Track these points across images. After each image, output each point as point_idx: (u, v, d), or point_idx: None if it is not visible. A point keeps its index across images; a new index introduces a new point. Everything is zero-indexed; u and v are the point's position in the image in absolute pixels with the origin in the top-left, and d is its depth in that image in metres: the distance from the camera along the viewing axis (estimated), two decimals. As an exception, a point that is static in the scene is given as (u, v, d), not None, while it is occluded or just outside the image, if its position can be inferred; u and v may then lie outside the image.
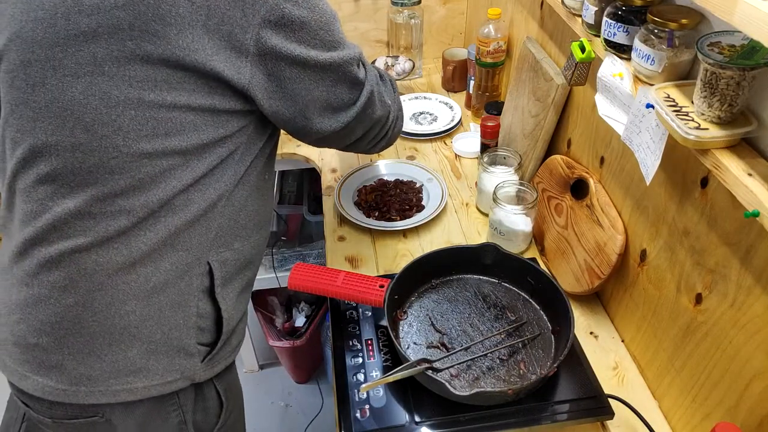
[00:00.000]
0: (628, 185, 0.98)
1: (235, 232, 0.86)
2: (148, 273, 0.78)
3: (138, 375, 0.81)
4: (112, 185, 0.74)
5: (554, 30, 1.24)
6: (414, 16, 1.73)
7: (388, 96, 0.98)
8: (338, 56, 0.81)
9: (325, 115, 0.86)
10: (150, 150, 0.73)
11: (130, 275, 0.77)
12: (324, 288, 1.03)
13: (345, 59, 0.83)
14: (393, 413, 0.91)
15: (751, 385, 0.72)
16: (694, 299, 0.82)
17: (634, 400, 0.91)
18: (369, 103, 0.90)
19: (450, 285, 1.10)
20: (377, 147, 1.04)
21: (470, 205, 1.36)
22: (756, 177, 0.61)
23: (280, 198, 1.93)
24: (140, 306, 0.79)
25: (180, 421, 0.89)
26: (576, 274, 1.09)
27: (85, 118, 0.72)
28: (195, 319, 0.84)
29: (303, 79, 0.79)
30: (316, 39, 0.78)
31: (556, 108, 1.20)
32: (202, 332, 0.86)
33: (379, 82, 0.94)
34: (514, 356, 0.96)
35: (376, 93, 0.92)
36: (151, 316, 0.80)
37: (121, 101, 0.71)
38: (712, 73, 0.64)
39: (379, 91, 0.94)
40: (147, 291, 0.79)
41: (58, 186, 0.75)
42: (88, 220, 0.75)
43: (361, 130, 0.94)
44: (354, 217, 1.28)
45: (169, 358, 0.83)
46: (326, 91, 0.83)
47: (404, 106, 1.68)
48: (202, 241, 0.81)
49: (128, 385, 0.81)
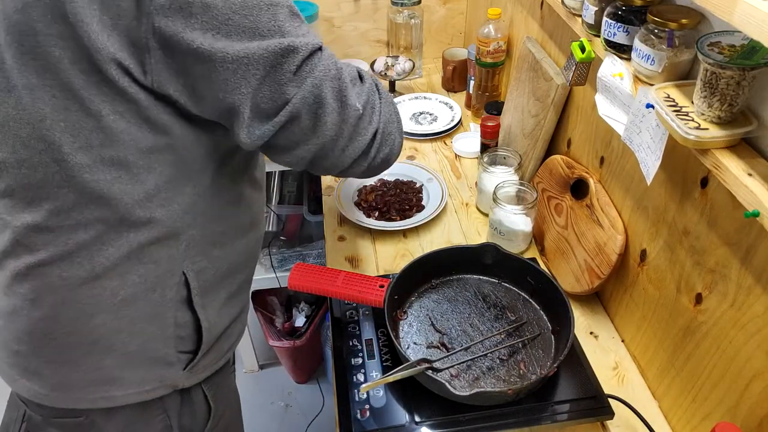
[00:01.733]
0: (628, 185, 0.98)
1: (212, 241, 0.82)
2: (114, 287, 0.76)
3: (114, 384, 0.81)
4: (63, 199, 0.71)
5: (554, 30, 1.24)
6: (414, 16, 1.73)
7: (376, 111, 0.80)
8: (266, 46, 0.66)
9: (253, 124, 0.71)
10: (88, 162, 0.69)
11: (95, 289, 0.76)
12: (324, 288, 1.03)
13: (278, 49, 0.67)
14: (393, 413, 0.91)
15: (751, 385, 0.72)
16: (694, 299, 0.82)
17: (634, 400, 0.91)
18: (321, 109, 0.72)
19: (450, 285, 1.10)
20: (352, 172, 0.83)
21: (470, 205, 1.36)
22: (756, 177, 0.61)
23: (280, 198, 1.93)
24: (109, 319, 0.78)
25: (165, 425, 0.88)
26: (576, 274, 1.09)
27: (21, 134, 0.69)
28: (173, 329, 0.82)
29: (213, 75, 0.66)
30: (229, 25, 0.64)
31: (556, 108, 1.20)
32: (183, 341, 0.84)
33: (348, 85, 0.75)
34: (514, 356, 0.96)
35: (334, 97, 0.73)
36: (122, 329, 0.79)
37: (48, 114, 0.67)
38: (712, 73, 0.64)
39: (345, 96, 0.74)
40: (115, 304, 0.77)
41: (16, 201, 0.73)
42: (47, 234, 0.73)
43: (314, 147, 0.75)
44: (354, 217, 1.28)
45: (147, 368, 0.82)
46: (249, 92, 0.68)
47: (405, 106, 1.68)
48: (172, 254, 0.78)
49: (106, 393, 0.82)
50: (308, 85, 0.70)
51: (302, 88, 0.69)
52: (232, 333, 0.93)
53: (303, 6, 1.72)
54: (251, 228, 0.91)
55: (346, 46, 1.90)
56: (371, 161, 0.81)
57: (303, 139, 0.74)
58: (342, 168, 0.80)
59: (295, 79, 0.69)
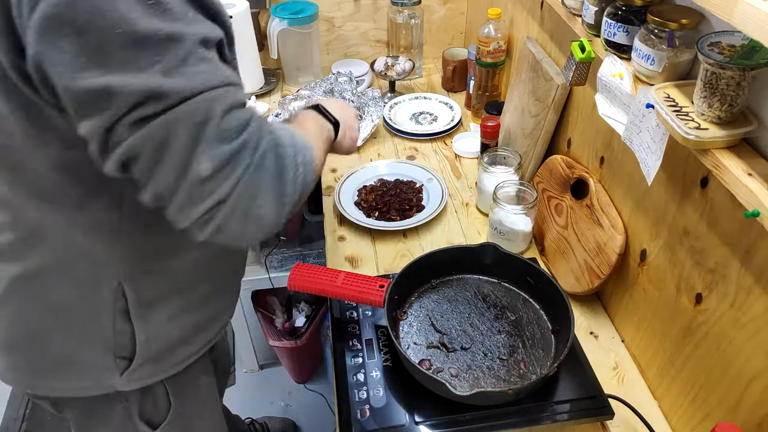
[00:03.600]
0: (628, 185, 0.98)
1: (153, 252, 0.80)
2: (48, 286, 0.78)
3: (56, 375, 0.84)
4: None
5: (554, 30, 1.24)
6: (414, 16, 1.73)
7: (232, 178, 0.62)
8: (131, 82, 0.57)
9: (101, 155, 0.62)
10: (5, 177, 0.71)
11: (31, 287, 0.78)
12: (324, 288, 1.03)
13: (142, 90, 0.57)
14: (393, 413, 0.91)
15: (751, 385, 0.72)
16: (694, 299, 0.82)
17: (634, 400, 0.91)
18: (165, 151, 0.61)
19: (450, 285, 1.10)
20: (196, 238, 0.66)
21: (470, 205, 1.36)
22: (756, 177, 0.61)
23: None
24: (46, 315, 0.80)
25: (127, 413, 0.91)
26: (576, 274, 1.09)
27: None
28: (112, 335, 0.82)
29: (66, 96, 0.59)
30: (101, 54, 0.56)
31: (556, 108, 1.20)
32: (122, 347, 0.84)
33: (210, 138, 0.60)
34: (514, 356, 0.96)
35: (184, 145, 0.60)
36: (59, 326, 0.81)
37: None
38: (712, 73, 0.64)
39: (197, 147, 0.60)
40: (52, 303, 0.79)
41: None
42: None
43: (151, 194, 0.64)
44: (354, 217, 1.28)
45: (84, 367, 0.84)
46: (100, 125, 0.59)
47: (405, 106, 1.68)
48: (105, 260, 0.78)
49: (47, 382, 0.85)
50: (157, 123, 0.59)
51: (150, 125, 0.59)
52: (195, 341, 0.91)
53: (303, 6, 1.72)
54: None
55: (346, 46, 1.90)
56: (215, 232, 0.65)
57: (142, 180, 0.64)
58: (180, 228, 0.66)
59: (147, 120, 0.59)
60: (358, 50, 1.91)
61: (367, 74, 1.81)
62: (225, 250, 0.90)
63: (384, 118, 1.61)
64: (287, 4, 1.73)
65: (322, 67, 1.85)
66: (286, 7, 1.71)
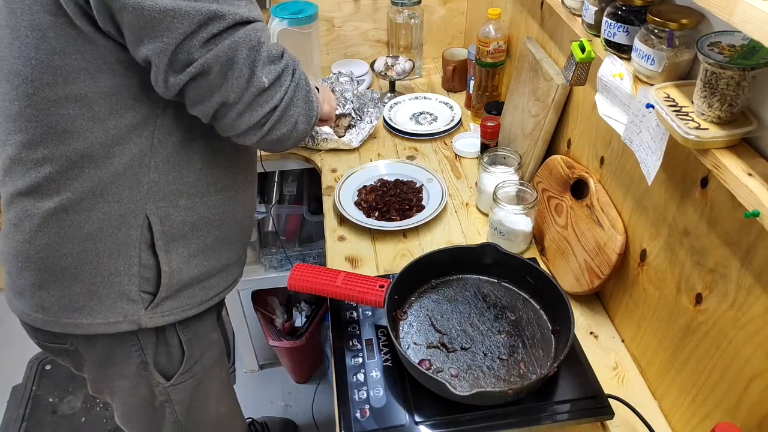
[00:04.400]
0: (628, 185, 0.98)
1: (178, 189, 0.88)
2: (80, 220, 0.84)
3: (82, 312, 0.89)
4: (32, 133, 0.79)
5: (554, 30, 1.24)
6: (414, 15, 1.73)
7: (281, 90, 0.83)
8: (194, 6, 0.71)
9: (168, 73, 0.76)
10: (54, 97, 0.77)
11: (63, 221, 0.84)
12: (324, 288, 1.03)
13: (206, 11, 0.72)
14: (393, 413, 0.91)
15: (751, 385, 0.72)
16: (694, 299, 0.82)
17: (634, 400, 0.91)
18: (230, 71, 0.77)
19: (450, 285, 1.10)
20: (246, 139, 0.85)
21: (470, 205, 1.36)
22: (756, 177, 0.61)
23: (280, 198, 1.93)
24: (77, 250, 0.85)
25: (141, 360, 0.96)
26: (576, 274, 1.09)
27: (4, 69, 0.78)
28: (137, 269, 0.89)
29: (139, 22, 0.71)
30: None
31: (556, 108, 1.20)
32: (147, 281, 0.90)
33: (263, 59, 0.79)
34: (514, 356, 0.96)
35: (245, 64, 0.77)
36: (89, 261, 0.86)
37: (23, 52, 0.75)
38: (712, 73, 0.64)
39: (255, 67, 0.79)
40: (81, 237, 0.85)
41: (1, 133, 0.82)
42: (21, 166, 0.82)
43: (215, 104, 0.79)
44: (354, 217, 1.28)
45: (112, 301, 0.89)
46: (170, 42, 0.73)
47: (405, 106, 1.68)
48: (133, 195, 0.84)
49: (74, 320, 0.90)
50: (225, 45, 0.75)
51: (219, 47, 0.75)
52: (208, 285, 0.98)
53: (303, 6, 1.72)
54: (227, 187, 0.95)
55: (346, 46, 1.90)
56: (265, 135, 0.84)
57: (208, 94, 0.78)
58: (236, 133, 0.84)
59: (214, 41, 0.74)
60: (358, 50, 1.91)
61: (367, 74, 1.81)
62: (237, 201, 0.99)
63: (384, 118, 1.61)
64: (287, 4, 1.73)
65: (322, 67, 1.85)
66: (286, 7, 1.71)
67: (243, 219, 1.03)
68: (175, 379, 1.01)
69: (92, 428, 1.90)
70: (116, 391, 1.02)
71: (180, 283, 0.93)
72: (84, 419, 1.92)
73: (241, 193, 1.00)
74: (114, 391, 1.02)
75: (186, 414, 1.07)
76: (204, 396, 1.08)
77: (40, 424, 1.89)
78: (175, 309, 0.94)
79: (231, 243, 1.00)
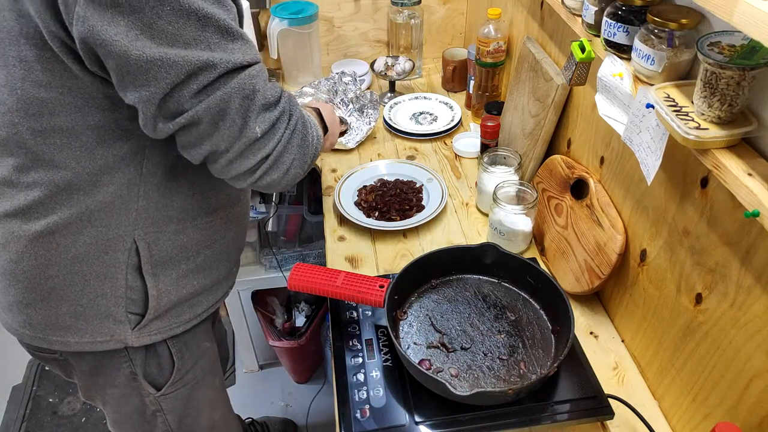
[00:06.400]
0: (628, 185, 0.98)
1: (168, 215, 0.88)
2: (67, 243, 0.84)
3: (69, 331, 0.90)
4: (23, 158, 0.79)
5: (554, 30, 1.24)
6: (414, 16, 1.73)
7: (275, 139, 0.81)
8: (184, 55, 0.69)
9: (157, 120, 0.74)
10: (39, 128, 0.77)
11: (50, 243, 0.84)
12: (324, 288, 1.03)
13: (196, 62, 0.69)
14: (393, 413, 0.91)
15: (751, 385, 0.72)
16: (694, 299, 0.82)
17: (634, 400, 0.91)
18: (222, 121, 0.75)
19: (450, 285, 1.10)
20: (235, 183, 0.84)
21: (470, 205, 1.36)
22: (756, 177, 0.61)
23: (280, 198, 1.93)
24: (63, 272, 0.86)
25: (131, 372, 0.96)
26: (576, 274, 1.09)
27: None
28: (124, 290, 0.89)
29: (126, 69, 0.69)
30: (153, 28, 0.67)
31: (556, 108, 1.20)
32: (134, 303, 0.91)
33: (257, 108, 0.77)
34: (514, 356, 0.96)
35: (238, 114, 0.75)
36: (75, 282, 0.87)
37: (9, 82, 0.75)
38: (712, 73, 0.64)
39: (248, 117, 0.76)
40: (68, 259, 0.85)
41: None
42: (11, 188, 0.82)
43: (205, 151, 0.78)
44: (354, 217, 1.28)
45: (98, 321, 0.90)
46: (158, 92, 0.71)
47: (405, 107, 1.68)
48: (121, 221, 0.85)
49: (61, 338, 0.91)
50: (216, 97, 0.73)
51: (210, 98, 0.73)
52: (197, 303, 0.97)
53: (303, 6, 1.72)
54: (221, 208, 0.95)
55: (346, 46, 1.90)
56: (256, 180, 0.83)
57: (198, 142, 0.77)
58: (226, 177, 0.83)
59: (206, 91, 0.72)
60: (358, 50, 1.91)
61: (367, 74, 1.81)
62: (229, 220, 0.99)
63: (384, 118, 1.61)
64: (287, 4, 1.73)
65: (322, 67, 1.85)
66: (286, 7, 1.71)
67: (235, 237, 1.02)
68: (166, 389, 1.00)
69: (92, 429, 1.90)
70: (107, 399, 1.01)
71: (169, 304, 0.93)
72: (84, 420, 1.92)
73: (233, 212, 0.99)
74: (105, 399, 1.02)
75: (179, 423, 1.06)
76: (197, 404, 1.07)
77: (40, 424, 1.89)
78: (162, 328, 0.94)
79: (222, 261, 1.00)
